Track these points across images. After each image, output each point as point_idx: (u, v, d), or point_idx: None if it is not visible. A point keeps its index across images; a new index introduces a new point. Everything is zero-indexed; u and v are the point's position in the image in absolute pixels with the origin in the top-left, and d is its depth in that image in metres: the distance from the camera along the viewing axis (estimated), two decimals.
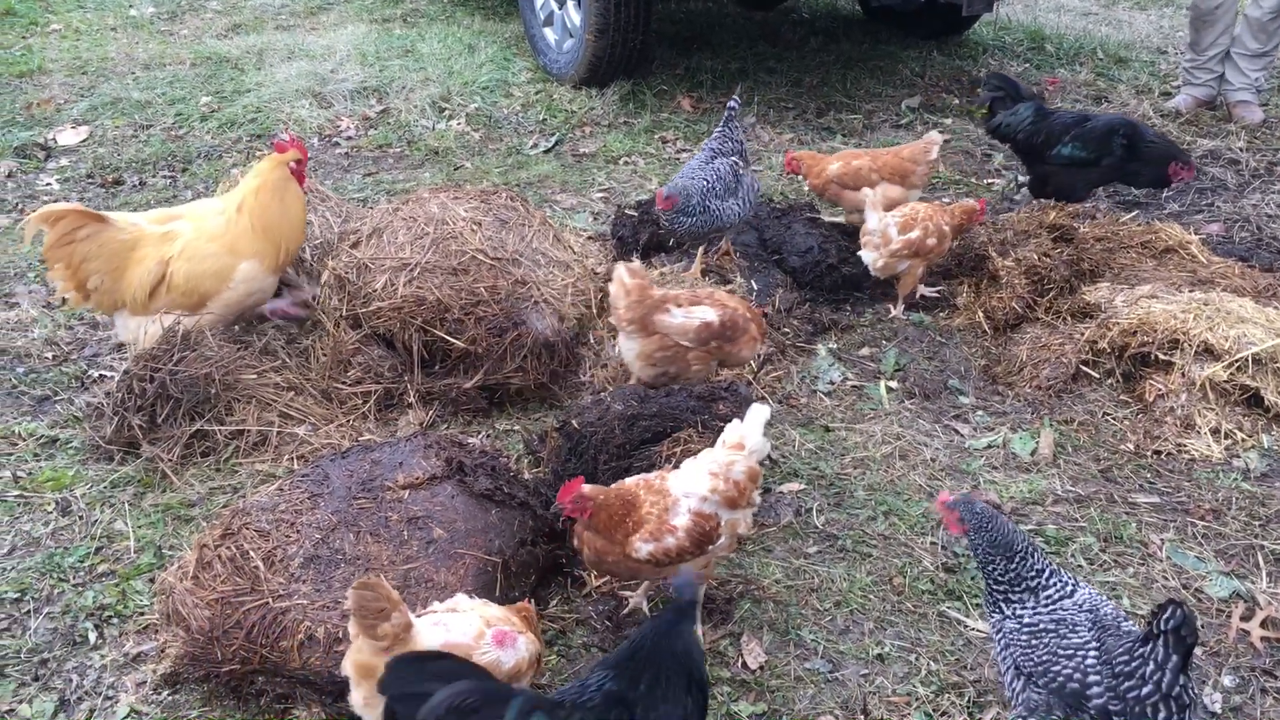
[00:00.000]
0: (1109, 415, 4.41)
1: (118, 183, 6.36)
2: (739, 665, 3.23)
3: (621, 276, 4.05)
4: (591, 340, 4.68)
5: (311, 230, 4.83)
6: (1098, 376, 4.57)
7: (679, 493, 3.18)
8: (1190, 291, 4.74)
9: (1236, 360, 4.26)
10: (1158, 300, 4.65)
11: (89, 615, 3.39)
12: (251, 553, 3.12)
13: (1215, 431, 4.21)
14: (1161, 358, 4.40)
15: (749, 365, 4.48)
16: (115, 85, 7.67)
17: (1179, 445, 4.20)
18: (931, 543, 3.74)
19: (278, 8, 9.79)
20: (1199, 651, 3.28)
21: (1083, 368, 4.59)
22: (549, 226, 4.86)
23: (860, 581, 3.57)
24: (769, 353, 4.64)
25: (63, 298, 4.32)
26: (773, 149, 6.91)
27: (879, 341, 4.95)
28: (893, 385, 4.63)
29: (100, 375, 4.56)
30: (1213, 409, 4.26)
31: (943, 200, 5.75)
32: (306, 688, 3.02)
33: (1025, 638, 2.75)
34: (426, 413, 4.31)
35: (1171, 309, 4.52)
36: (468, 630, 2.73)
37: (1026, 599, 2.80)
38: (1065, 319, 4.82)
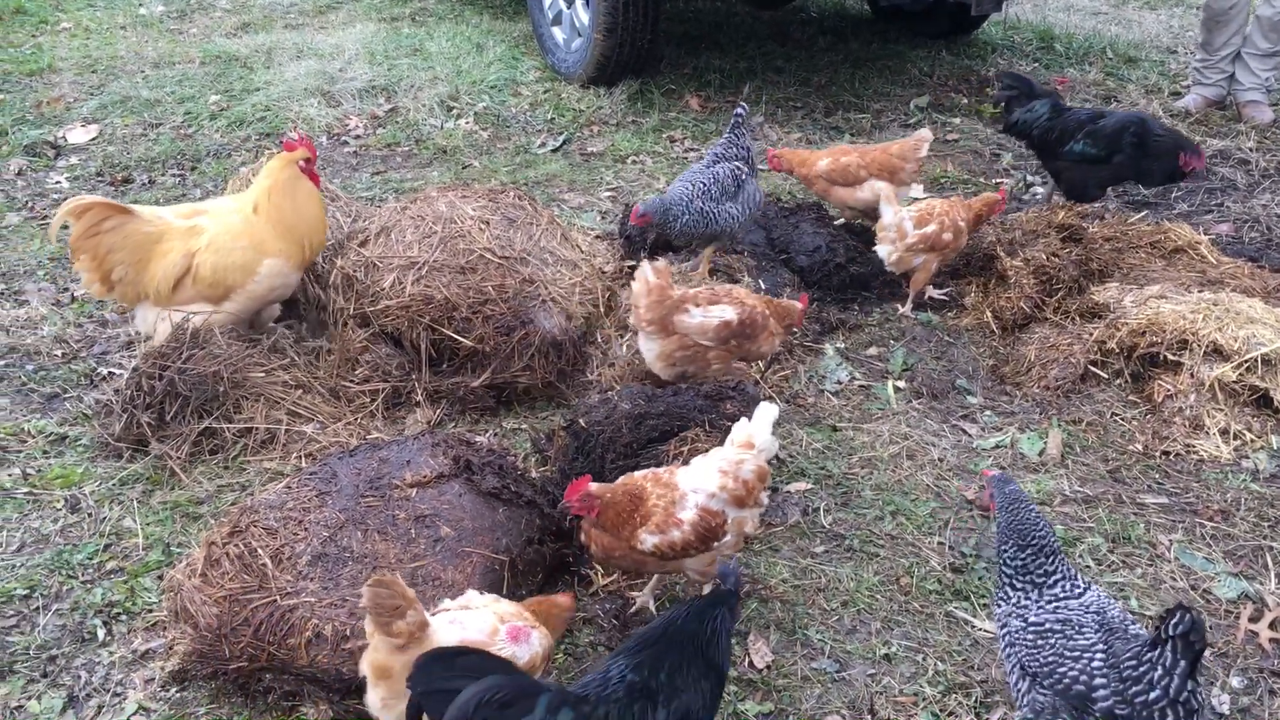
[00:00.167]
0: (1117, 416, 4.40)
1: (127, 181, 6.38)
2: (746, 664, 3.23)
3: (646, 275, 4.07)
4: (599, 339, 4.68)
5: None
6: (1106, 377, 4.56)
7: (687, 488, 3.19)
8: (1199, 292, 4.73)
9: (1246, 361, 4.24)
10: (1167, 300, 4.63)
11: (97, 612, 3.40)
12: (259, 550, 3.13)
13: (1224, 432, 4.20)
14: (1170, 358, 4.39)
15: (755, 365, 4.47)
16: (125, 84, 7.69)
17: (1188, 446, 4.18)
18: (939, 543, 3.74)
19: (286, 6, 9.81)
20: (1207, 653, 3.27)
21: (1091, 368, 4.58)
22: (557, 225, 4.87)
23: (867, 581, 3.57)
24: (776, 352, 4.64)
25: (81, 289, 4.32)
26: (780, 148, 6.90)
27: (887, 341, 4.94)
28: (900, 385, 4.62)
29: (109, 373, 4.58)
30: (1222, 409, 4.25)
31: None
32: (314, 685, 3.02)
33: (1031, 637, 2.75)
34: (434, 411, 4.31)
35: (1180, 309, 4.51)
36: (483, 627, 2.74)
37: (1030, 591, 2.82)
38: (1074, 319, 4.81)
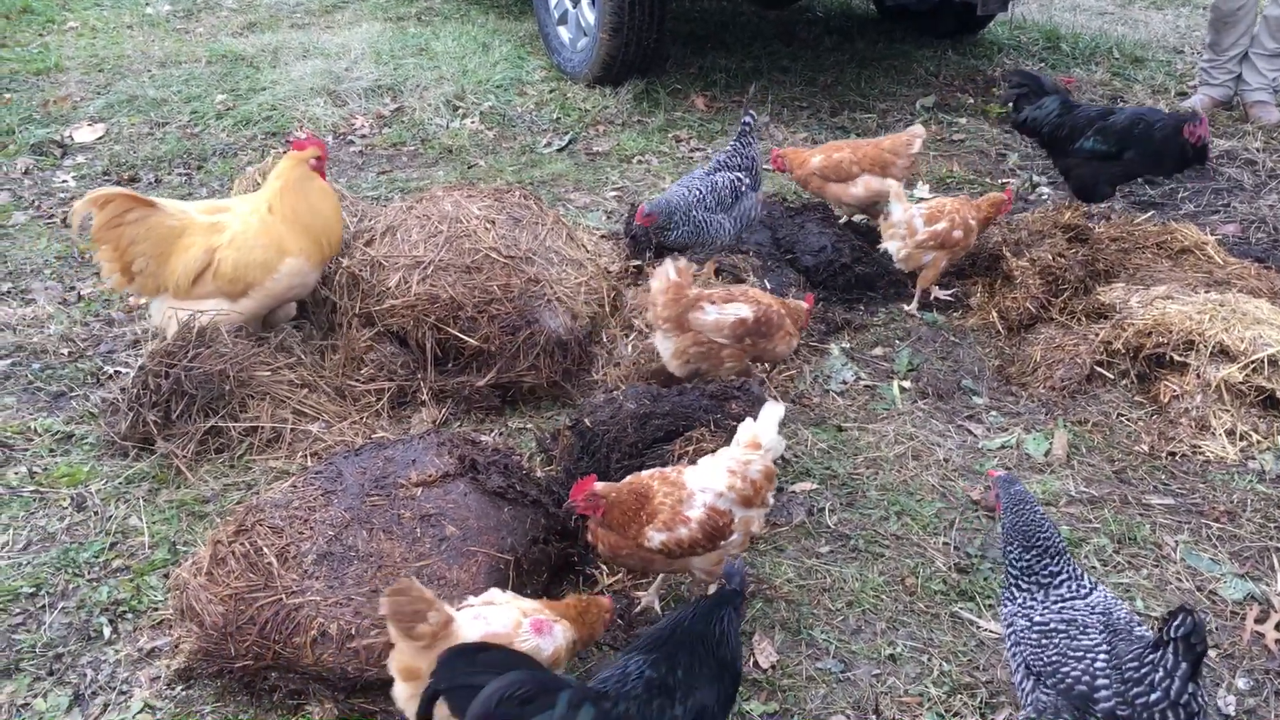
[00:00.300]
0: (1123, 416, 4.39)
1: (133, 180, 6.39)
2: (751, 664, 3.23)
3: (667, 272, 4.09)
4: (604, 339, 4.68)
5: None
6: (1112, 377, 4.55)
7: (695, 487, 3.19)
8: (1206, 292, 4.72)
9: (1252, 361, 4.24)
10: (1173, 301, 4.62)
11: (104, 610, 3.41)
12: (265, 549, 3.14)
13: (1230, 433, 4.19)
14: (1177, 359, 4.38)
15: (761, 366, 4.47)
16: (131, 83, 7.70)
17: (1194, 447, 4.18)
18: (944, 543, 3.74)
19: (292, 6, 9.82)
20: (1213, 654, 3.27)
21: (1097, 368, 4.57)
22: (562, 225, 4.87)
23: (872, 581, 3.56)
24: (792, 353, 4.64)
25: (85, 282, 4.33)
26: (785, 148, 6.89)
27: (892, 341, 4.94)
28: (906, 385, 4.62)
29: (115, 371, 4.58)
30: (1228, 410, 4.24)
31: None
32: (319, 684, 3.03)
33: (1036, 636, 2.75)
34: (439, 411, 4.31)
35: (1187, 310, 4.50)
36: (506, 621, 2.78)
37: (1036, 592, 2.82)
38: (1080, 319, 4.80)
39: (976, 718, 3.07)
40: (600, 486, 3.13)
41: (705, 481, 3.21)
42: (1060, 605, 2.78)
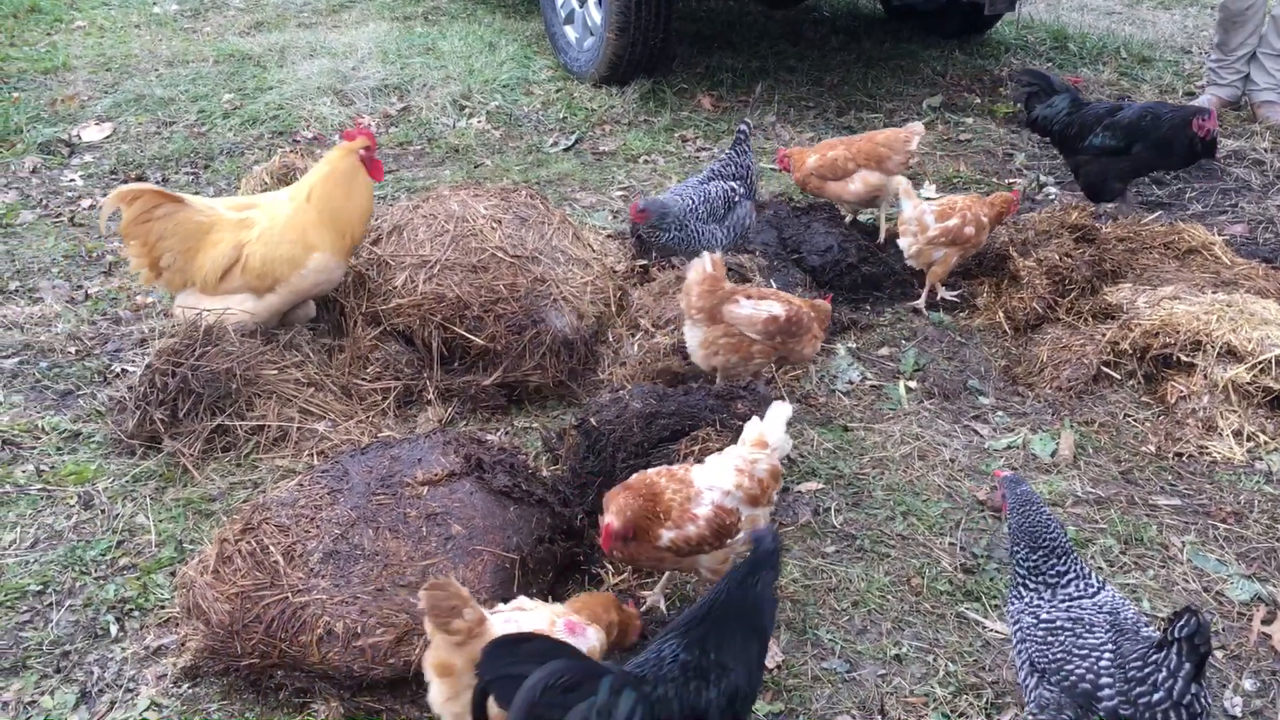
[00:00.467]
0: (1130, 417, 4.38)
1: (140, 179, 6.39)
2: None
3: (704, 264, 4.11)
4: (610, 338, 4.68)
5: None
6: (1119, 378, 4.54)
7: (703, 485, 3.20)
8: (1213, 293, 4.70)
9: (1259, 362, 4.22)
10: (1180, 301, 4.61)
11: (110, 608, 3.41)
12: (271, 547, 3.14)
13: (1237, 434, 4.18)
14: (1184, 359, 4.37)
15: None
16: (139, 82, 7.71)
17: (1200, 447, 4.17)
18: (950, 543, 3.73)
19: (300, 5, 9.83)
20: (1220, 655, 3.27)
21: (1104, 369, 4.56)
22: (568, 224, 4.87)
23: (878, 581, 3.56)
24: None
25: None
26: (791, 148, 6.89)
27: (898, 341, 4.93)
28: (912, 385, 4.61)
29: (122, 370, 4.59)
30: (1235, 411, 4.23)
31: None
32: (325, 682, 3.03)
33: (1042, 634, 2.76)
34: (445, 410, 4.32)
35: (1194, 310, 4.49)
36: (539, 623, 2.80)
37: (1043, 591, 2.82)
38: (1086, 320, 4.80)
39: (982, 718, 3.07)
40: (617, 525, 3.08)
41: (713, 480, 3.22)
42: (1068, 604, 2.78)
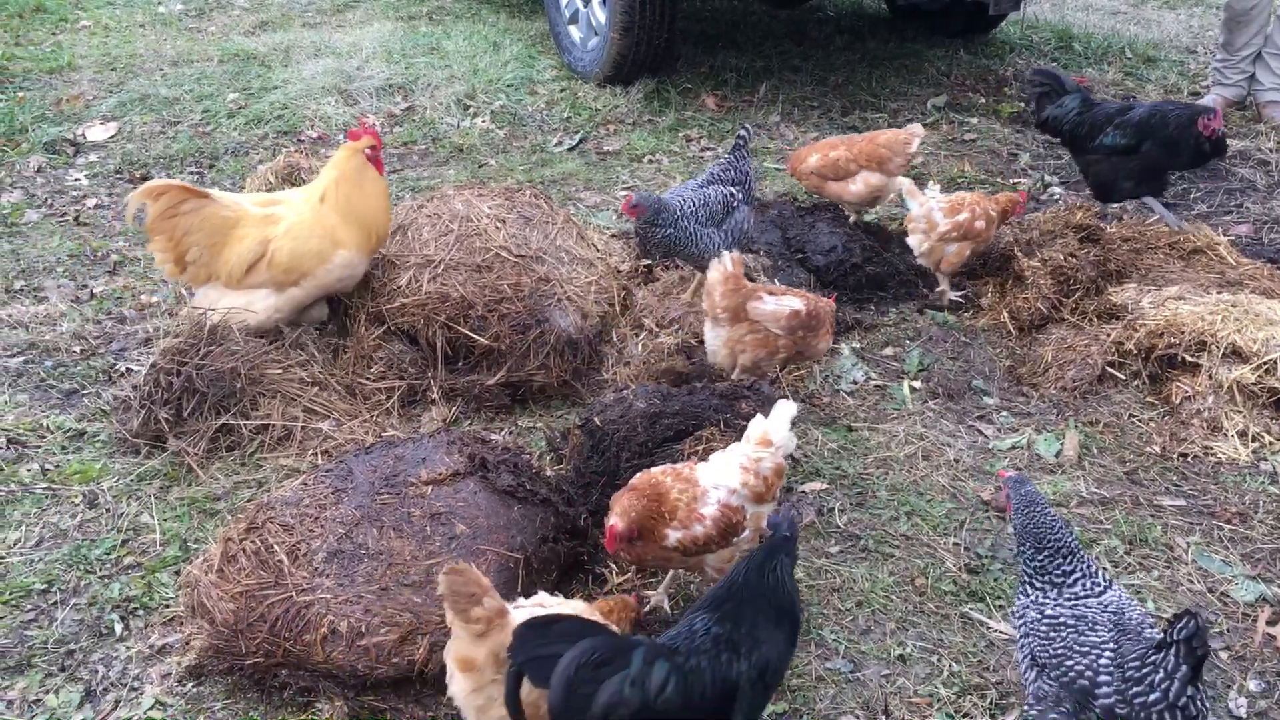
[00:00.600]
0: (1135, 417, 4.37)
1: (145, 179, 6.39)
2: None
3: (725, 264, 4.16)
4: (614, 338, 4.68)
5: None
6: (1124, 378, 4.54)
7: (708, 484, 3.20)
8: (1218, 293, 4.70)
9: (1265, 363, 4.22)
10: (1185, 302, 4.61)
11: (115, 607, 3.42)
12: (275, 547, 3.15)
13: (1242, 434, 4.18)
14: (1188, 360, 4.36)
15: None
16: (143, 82, 7.72)
17: (1205, 448, 4.16)
18: (954, 543, 3.73)
19: (304, 5, 9.84)
20: (1224, 655, 3.26)
21: (1108, 369, 4.56)
22: (573, 224, 4.87)
23: (882, 582, 3.56)
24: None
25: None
26: (797, 148, 6.89)
27: (903, 341, 4.93)
28: (916, 385, 4.61)
29: (127, 369, 4.60)
30: (1240, 411, 4.22)
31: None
32: (329, 681, 3.04)
33: (1045, 629, 2.77)
34: (449, 409, 4.32)
35: (1199, 310, 4.48)
36: None
37: (1049, 590, 2.83)
38: (1091, 320, 4.79)
39: (986, 719, 3.07)
40: (622, 527, 3.07)
41: (718, 478, 3.22)
42: (1074, 602, 2.78)
